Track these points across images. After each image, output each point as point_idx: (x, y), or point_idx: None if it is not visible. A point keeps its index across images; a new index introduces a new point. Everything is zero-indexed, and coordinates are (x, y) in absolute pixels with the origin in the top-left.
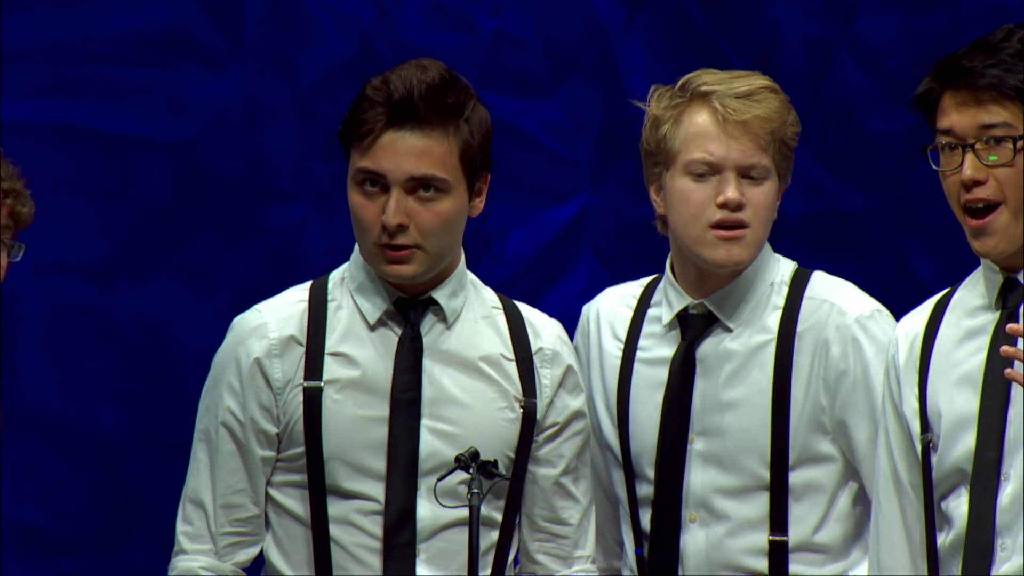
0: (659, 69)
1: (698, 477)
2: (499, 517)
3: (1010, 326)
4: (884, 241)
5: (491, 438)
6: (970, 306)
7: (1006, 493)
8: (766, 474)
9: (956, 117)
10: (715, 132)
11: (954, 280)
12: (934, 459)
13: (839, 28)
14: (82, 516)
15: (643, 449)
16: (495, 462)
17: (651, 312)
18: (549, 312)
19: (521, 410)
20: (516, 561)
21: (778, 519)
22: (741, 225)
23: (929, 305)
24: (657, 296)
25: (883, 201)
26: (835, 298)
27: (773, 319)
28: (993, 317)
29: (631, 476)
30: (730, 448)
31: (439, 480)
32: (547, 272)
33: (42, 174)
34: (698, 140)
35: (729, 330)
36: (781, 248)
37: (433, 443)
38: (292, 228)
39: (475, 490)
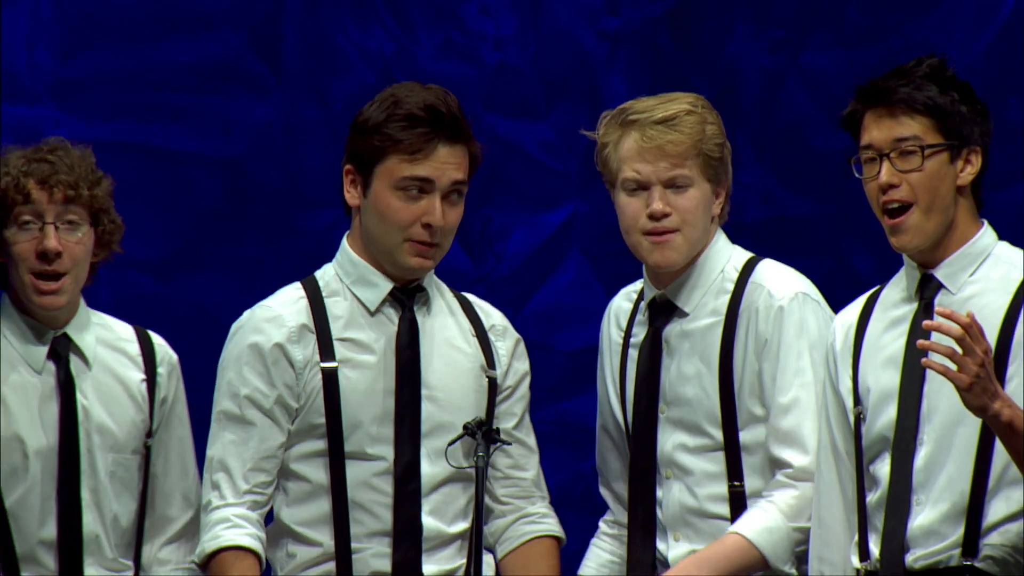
0: (637, 95)
1: (668, 440)
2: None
3: (926, 323)
4: (827, 241)
5: (470, 402)
6: (895, 299)
7: (921, 456)
8: (719, 434)
9: (875, 132)
10: (639, 154)
11: (886, 274)
12: (864, 429)
13: (789, 61)
14: None
15: (630, 421)
16: (498, 429)
17: (641, 304)
18: (544, 300)
19: (487, 379)
20: None
21: (734, 471)
22: (668, 231)
23: (862, 300)
24: (645, 292)
25: (826, 207)
26: (769, 282)
27: (722, 302)
28: (912, 307)
29: (628, 438)
30: (690, 414)
31: (450, 445)
32: (542, 267)
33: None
34: (628, 162)
35: (686, 314)
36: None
37: (429, 409)
38: (324, 230)
39: (480, 453)
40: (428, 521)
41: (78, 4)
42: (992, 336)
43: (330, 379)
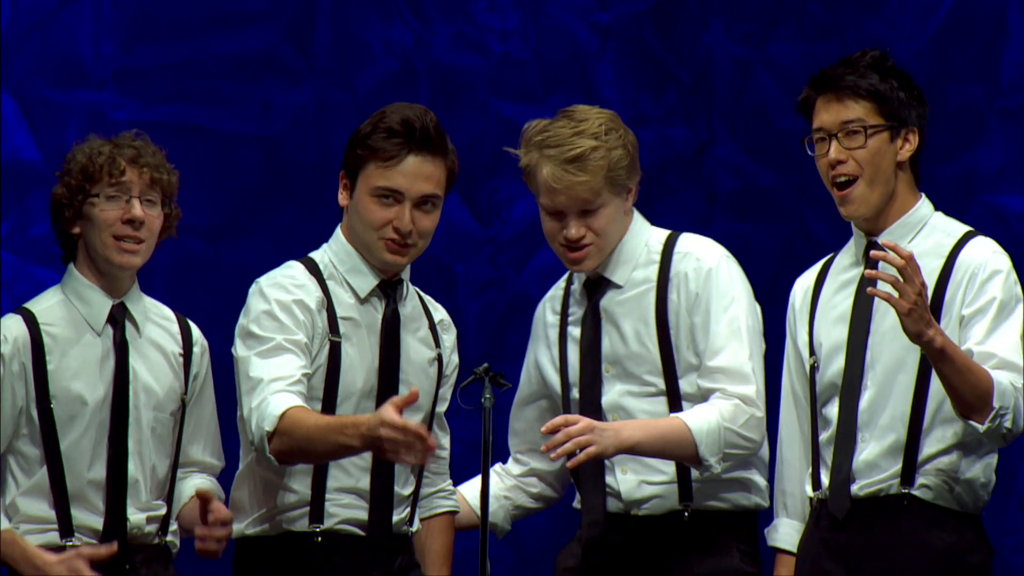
0: (624, 81)
1: (613, 390)
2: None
3: (874, 252)
4: (790, 209)
5: (430, 386)
6: (845, 264)
7: (865, 399)
8: (661, 383)
9: (824, 115)
10: (551, 187)
11: (842, 237)
12: (817, 377)
13: (757, 51)
14: None
15: (574, 381)
16: (503, 374)
17: (572, 287)
18: (543, 260)
19: (436, 363)
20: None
21: (676, 410)
22: (583, 247)
23: (818, 265)
24: (576, 276)
25: (789, 179)
26: (695, 250)
27: (651, 271)
28: (859, 271)
29: (567, 401)
30: (633, 368)
31: (462, 387)
32: (541, 231)
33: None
34: (544, 190)
35: (619, 287)
36: (715, 213)
37: (402, 390)
38: None
39: (487, 395)
40: (395, 490)
41: (136, 2)
42: (927, 296)
43: (334, 351)
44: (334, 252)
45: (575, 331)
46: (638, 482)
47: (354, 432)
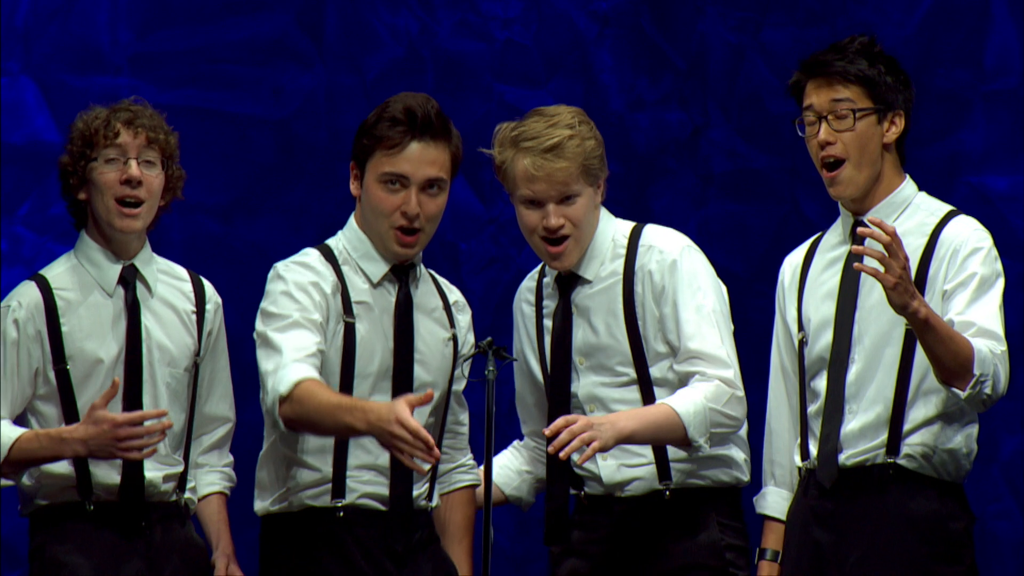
0: (622, 67)
1: (587, 381)
2: (440, 418)
3: (860, 229)
4: (782, 190)
5: (445, 366)
6: (833, 242)
7: (852, 372)
8: (632, 372)
9: (815, 98)
10: (532, 179)
11: (831, 216)
12: (806, 351)
13: (751, 38)
14: None
15: (549, 373)
16: (506, 347)
17: (546, 280)
18: None
19: (451, 343)
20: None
21: (648, 396)
22: (563, 239)
23: (807, 244)
24: (548, 269)
25: (781, 161)
26: (657, 242)
27: (618, 265)
28: (846, 249)
29: (546, 389)
30: (604, 360)
31: (464, 361)
32: None
33: (182, 143)
34: (523, 183)
35: (588, 281)
36: (710, 194)
37: (418, 370)
38: None
39: (491, 368)
40: None
41: None
42: (911, 273)
43: (349, 332)
44: (348, 239)
45: (549, 323)
46: (617, 466)
47: (362, 417)
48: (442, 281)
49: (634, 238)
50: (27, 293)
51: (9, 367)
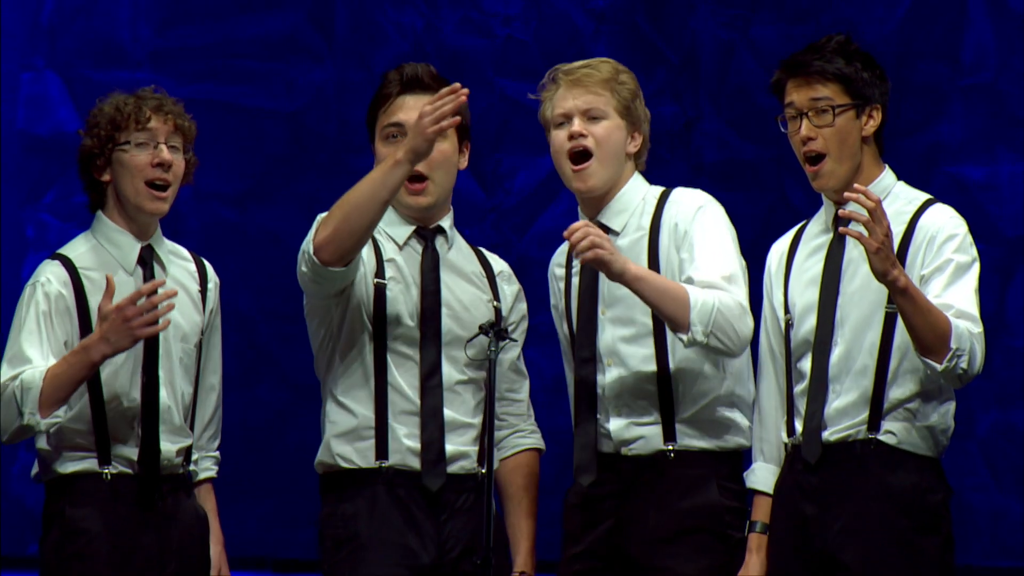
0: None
1: (608, 334)
2: (482, 377)
3: (847, 194)
4: (770, 179)
5: (479, 321)
6: (816, 231)
7: (835, 354)
8: (650, 322)
9: (795, 96)
10: (562, 94)
11: (817, 204)
12: (792, 334)
13: (740, 34)
14: (227, 365)
15: (575, 325)
16: (507, 328)
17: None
18: (543, 225)
19: (494, 310)
20: None
21: (661, 353)
22: (586, 155)
23: (792, 232)
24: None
25: (769, 151)
26: (685, 196)
27: (645, 220)
28: (829, 236)
29: (572, 339)
30: (626, 310)
31: (468, 341)
32: (541, 200)
33: (200, 134)
34: (556, 103)
35: (616, 233)
36: (702, 183)
37: (448, 323)
38: (367, 169)
39: (492, 348)
40: (447, 412)
41: None
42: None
43: (379, 292)
44: None
45: (577, 280)
46: (627, 423)
47: (393, 153)
48: (487, 253)
49: (663, 197)
50: (55, 271)
51: (43, 335)
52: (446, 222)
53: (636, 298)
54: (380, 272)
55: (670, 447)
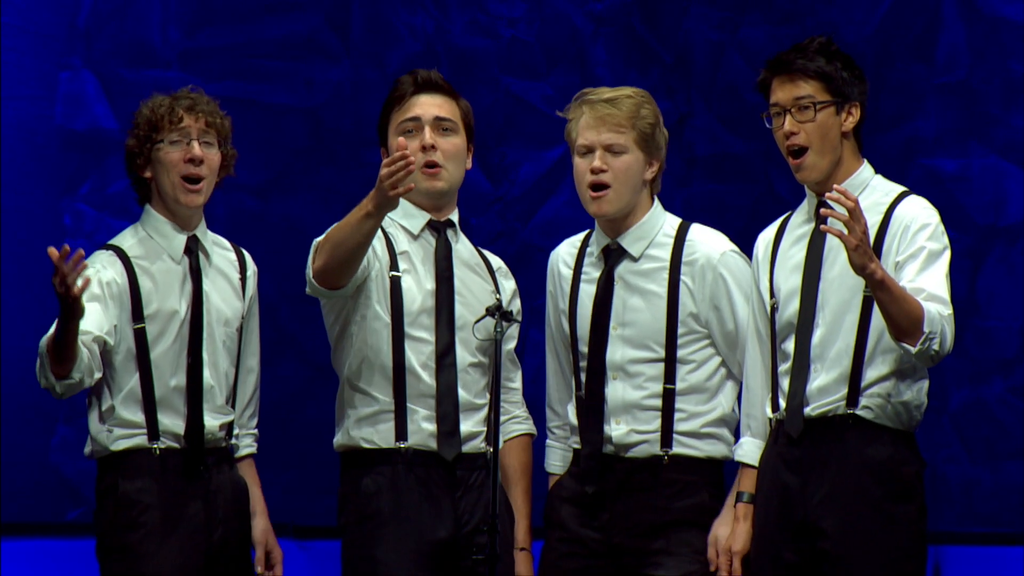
0: (615, 61)
1: (617, 351)
2: (488, 362)
3: (828, 195)
4: (757, 171)
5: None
6: (799, 221)
7: (817, 336)
8: (663, 351)
9: (780, 93)
10: (587, 125)
11: (801, 195)
12: (777, 317)
13: (730, 35)
14: None
15: (583, 335)
16: (512, 311)
17: (589, 248)
18: (545, 215)
19: (497, 299)
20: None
21: (669, 375)
22: (604, 186)
23: (778, 222)
24: (592, 238)
25: (757, 145)
26: (708, 242)
27: (664, 251)
28: (812, 226)
29: (575, 351)
30: (638, 335)
31: (476, 323)
32: (544, 191)
33: None
34: (581, 132)
35: (635, 259)
36: (694, 175)
37: (460, 308)
38: (380, 162)
39: (498, 328)
40: (460, 391)
41: None
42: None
43: (395, 284)
44: None
45: (589, 289)
46: (628, 430)
47: (364, 202)
48: (486, 252)
49: (682, 231)
50: (108, 259)
51: (97, 309)
52: (455, 216)
53: (652, 324)
54: (394, 265)
55: (665, 452)
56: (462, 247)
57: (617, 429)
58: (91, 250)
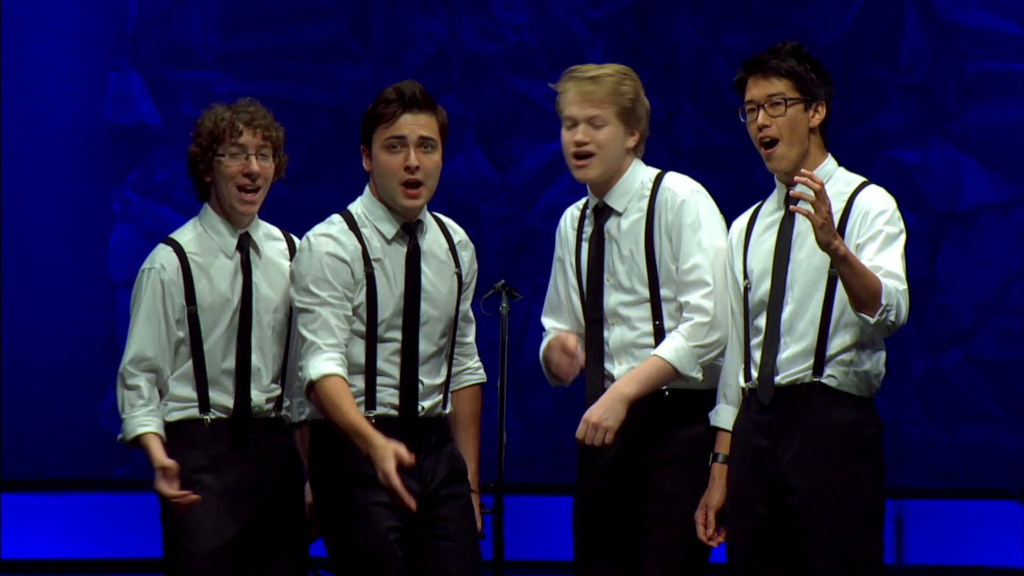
0: (609, 63)
1: (611, 298)
2: (449, 340)
3: (796, 177)
4: (736, 162)
5: (451, 300)
6: (771, 209)
7: (786, 312)
8: (646, 291)
9: (754, 91)
10: (572, 100)
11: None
12: (750, 296)
13: (712, 40)
14: None
15: (584, 288)
16: (516, 288)
17: (587, 211)
18: (547, 200)
19: (456, 277)
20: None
21: (656, 314)
22: (588, 155)
23: (751, 209)
24: (590, 202)
25: (737, 139)
26: (673, 186)
27: (643, 203)
28: (781, 213)
29: (583, 300)
30: (626, 280)
31: (484, 299)
32: (545, 179)
33: None
34: (567, 106)
35: (620, 214)
36: (680, 165)
37: (425, 307)
38: None
39: (504, 304)
40: (422, 380)
41: (234, 2)
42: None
43: (371, 281)
44: (364, 206)
45: (586, 246)
46: (629, 369)
47: (363, 446)
48: (448, 223)
49: (657, 182)
50: (167, 257)
51: (146, 317)
52: (423, 216)
53: (633, 270)
54: (368, 267)
55: (665, 388)
56: (430, 239)
57: (619, 368)
58: (136, 233)
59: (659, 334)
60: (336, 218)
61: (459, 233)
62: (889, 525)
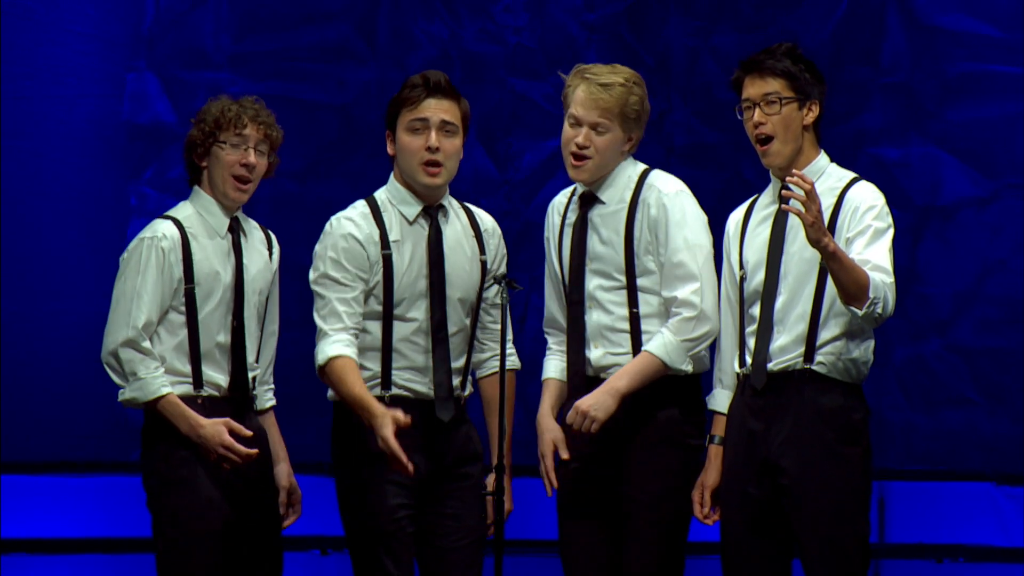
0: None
1: (591, 283)
2: (470, 322)
3: (788, 178)
4: (728, 160)
5: (472, 282)
6: (765, 202)
7: (779, 302)
8: (623, 279)
9: (751, 89)
10: (580, 100)
11: (766, 181)
12: (745, 285)
13: (704, 42)
14: (290, 308)
15: (566, 272)
16: (515, 280)
17: (573, 199)
18: (546, 196)
19: (481, 263)
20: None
21: (633, 300)
22: (585, 158)
23: (746, 203)
24: (575, 188)
25: (727, 137)
26: (658, 184)
27: (627, 195)
28: (776, 207)
29: (563, 283)
30: (605, 267)
31: (485, 288)
32: (544, 176)
33: None
34: (575, 104)
35: (604, 203)
36: (672, 162)
37: (448, 287)
38: None
39: (505, 294)
40: (451, 360)
41: (246, 5)
42: (824, 223)
43: (387, 262)
44: (388, 190)
45: (569, 232)
46: (603, 353)
47: (366, 416)
48: (475, 211)
49: (642, 177)
50: (167, 228)
51: (153, 283)
52: (446, 200)
53: (613, 258)
54: (386, 248)
55: None
56: (453, 224)
57: (595, 352)
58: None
59: (635, 320)
60: (360, 203)
61: (487, 221)
62: (872, 506)
